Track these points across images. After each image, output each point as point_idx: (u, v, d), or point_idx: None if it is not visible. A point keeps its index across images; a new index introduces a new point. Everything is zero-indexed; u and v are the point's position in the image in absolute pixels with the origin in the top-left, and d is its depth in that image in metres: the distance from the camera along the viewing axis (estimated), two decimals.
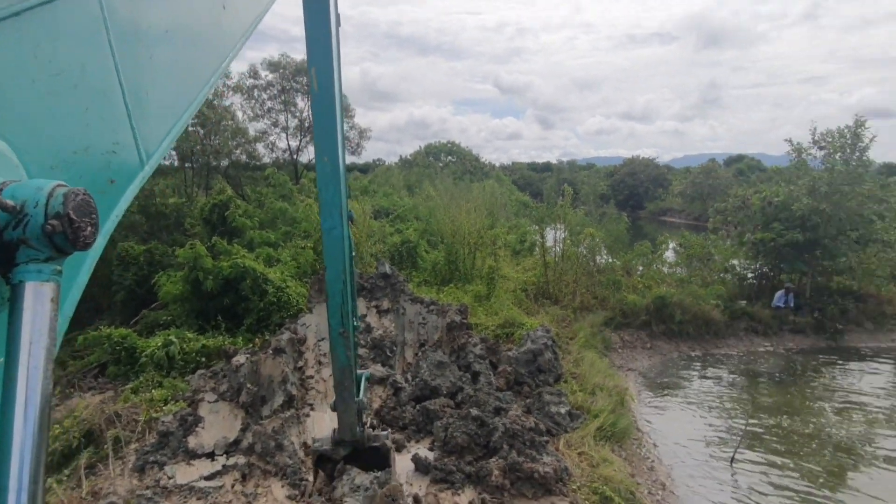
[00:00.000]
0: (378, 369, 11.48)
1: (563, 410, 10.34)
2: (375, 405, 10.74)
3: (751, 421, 12.14)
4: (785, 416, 12.59)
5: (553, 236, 18.72)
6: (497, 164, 79.16)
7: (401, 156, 55.39)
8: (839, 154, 19.63)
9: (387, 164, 60.66)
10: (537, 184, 75.73)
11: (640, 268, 19.45)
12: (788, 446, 11.28)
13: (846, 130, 19.59)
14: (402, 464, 8.93)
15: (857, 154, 19.51)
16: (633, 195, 71.96)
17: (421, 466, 8.69)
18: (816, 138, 20.16)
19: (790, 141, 20.72)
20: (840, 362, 16.62)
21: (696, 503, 9.18)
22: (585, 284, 17.70)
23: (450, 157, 53.46)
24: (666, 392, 13.94)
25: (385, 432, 6.23)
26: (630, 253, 19.54)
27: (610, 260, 19.29)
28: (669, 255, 21.06)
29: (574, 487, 8.27)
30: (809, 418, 12.63)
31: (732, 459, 10.38)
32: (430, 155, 52.86)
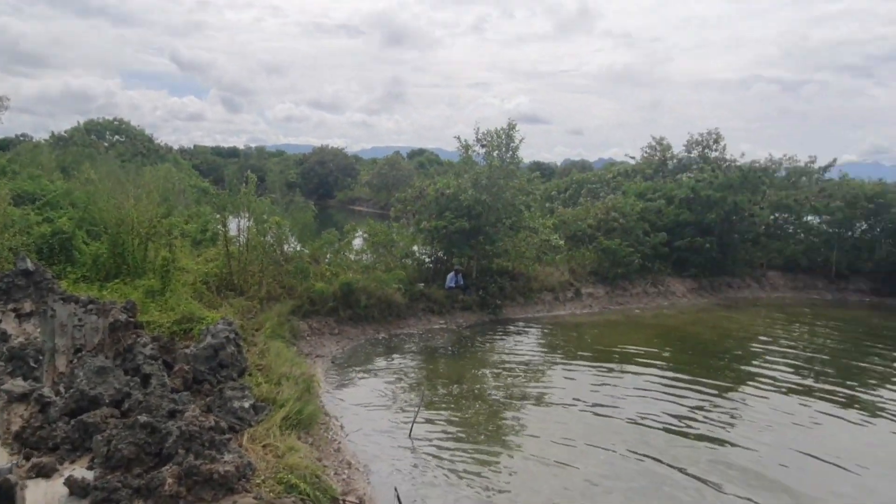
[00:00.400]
0: (18, 384, 9.53)
1: (246, 404, 9.87)
2: (15, 427, 8.90)
3: (427, 392, 13.21)
4: (456, 385, 13.98)
5: (237, 225, 17.85)
6: (176, 147, 73.05)
7: (53, 132, 47.05)
8: (496, 152, 22.44)
9: (34, 140, 51.45)
10: (223, 169, 72.21)
11: (329, 255, 19.72)
12: (459, 409, 12.57)
13: (501, 132, 22.45)
14: (54, 489, 7.55)
15: (510, 153, 22.55)
16: (324, 183, 73.29)
17: (77, 490, 7.43)
18: (479, 137, 22.74)
19: (458, 138, 23.07)
20: (500, 332, 19.14)
21: (382, 472, 9.60)
22: (272, 274, 17.29)
23: (117, 137, 47.40)
24: (353, 374, 14.38)
25: (8, 465, 4.91)
26: (318, 241, 19.67)
27: (298, 248, 19.16)
28: (358, 242, 21.80)
29: (258, 482, 7.94)
30: (475, 383, 14.25)
31: (411, 428, 11.12)
32: (93, 133, 46.10)
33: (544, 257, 24.04)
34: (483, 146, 22.62)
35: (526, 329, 19.86)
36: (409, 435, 10.99)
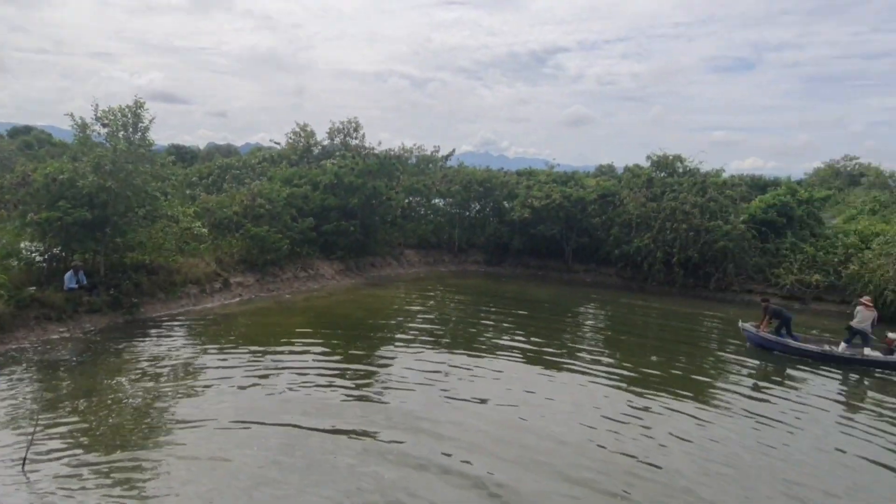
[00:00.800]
0: None
1: None
2: None
3: (44, 413, 11.13)
4: (83, 399, 12.07)
5: None
6: None
7: None
8: (122, 133, 20.01)
9: None
10: None
11: None
12: (88, 426, 10.87)
13: (127, 110, 20.06)
14: None
15: (140, 134, 20.32)
16: None
17: None
18: (100, 115, 19.93)
19: (72, 116, 19.85)
20: (139, 334, 17.19)
21: None
22: None
23: None
24: None
25: None
26: None
27: None
28: None
29: None
30: (110, 393, 12.53)
31: (24, 460, 9.24)
32: None
33: (187, 248, 22.44)
34: (105, 125, 19.93)
35: (170, 326, 18.25)
36: (23, 468, 9.11)
